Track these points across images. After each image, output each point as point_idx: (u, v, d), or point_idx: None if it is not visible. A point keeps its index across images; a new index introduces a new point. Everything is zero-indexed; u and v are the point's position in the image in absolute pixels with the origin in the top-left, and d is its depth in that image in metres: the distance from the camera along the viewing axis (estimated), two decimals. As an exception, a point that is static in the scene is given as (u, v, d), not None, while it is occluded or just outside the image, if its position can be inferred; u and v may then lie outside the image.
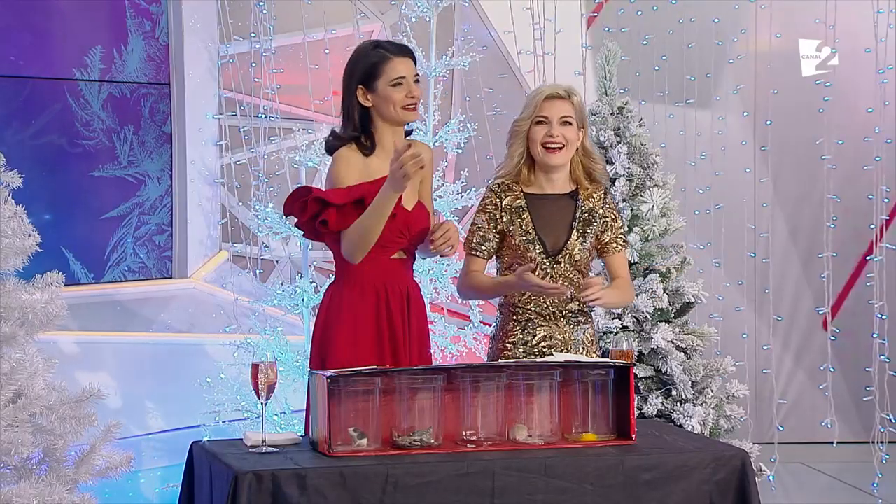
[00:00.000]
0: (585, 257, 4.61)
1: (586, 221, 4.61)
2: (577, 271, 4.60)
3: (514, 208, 4.62)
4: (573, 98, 4.60)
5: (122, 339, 6.58)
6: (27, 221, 4.27)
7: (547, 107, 4.57)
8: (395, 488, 3.84)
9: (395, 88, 4.53)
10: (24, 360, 4.16)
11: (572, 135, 4.58)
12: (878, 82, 7.51)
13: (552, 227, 4.60)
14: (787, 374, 8.13)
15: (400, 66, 4.55)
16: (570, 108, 4.58)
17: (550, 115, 4.56)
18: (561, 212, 4.62)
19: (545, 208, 4.62)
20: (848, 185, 7.74)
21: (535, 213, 4.61)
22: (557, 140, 4.56)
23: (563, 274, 4.58)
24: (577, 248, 4.58)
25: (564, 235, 4.59)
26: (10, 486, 4.07)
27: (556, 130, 4.56)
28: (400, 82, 4.53)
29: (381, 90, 4.54)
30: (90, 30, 6.75)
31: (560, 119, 4.56)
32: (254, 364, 4.04)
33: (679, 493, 4.03)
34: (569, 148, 4.58)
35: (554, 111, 4.57)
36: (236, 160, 7.02)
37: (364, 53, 4.59)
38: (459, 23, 7.34)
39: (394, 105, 4.54)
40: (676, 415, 5.84)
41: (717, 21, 7.71)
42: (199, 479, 4.15)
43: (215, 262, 7.10)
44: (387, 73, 4.53)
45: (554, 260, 4.58)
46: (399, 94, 4.53)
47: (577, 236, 4.59)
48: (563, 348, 4.57)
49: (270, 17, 6.93)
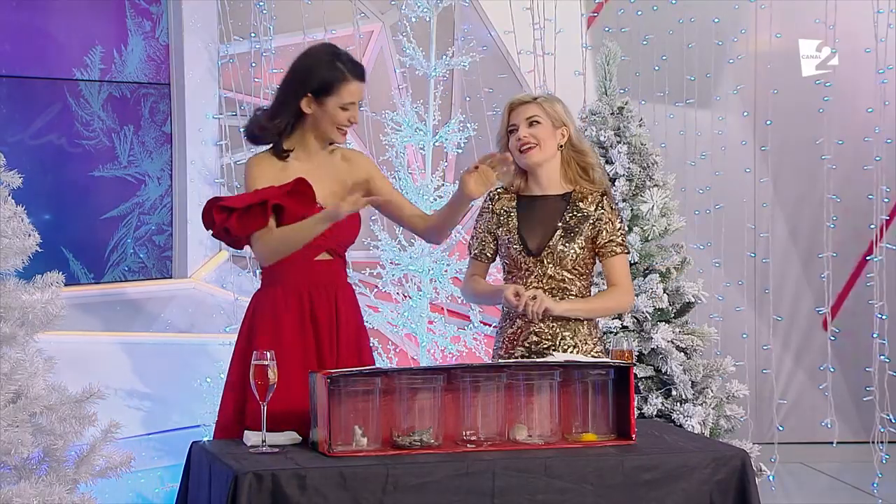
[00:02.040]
0: (573, 259, 4.60)
1: (575, 222, 4.61)
2: (566, 272, 4.60)
3: (505, 210, 4.67)
4: (539, 99, 4.64)
5: (122, 339, 6.58)
6: (27, 221, 4.27)
7: (513, 115, 4.64)
8: (395, 488, 3.84)
9: (343, 111, 4.50)
10: (24, 360, 4.16)
11: (544, 133, 4.61)
12: (878, 82, 7.52)
13: (537, 227, 4.62)
14: (787, 374, 8.14)
15: (356, 90, 4.51)
16: (535, 108, 4.62)
17: (517, 121, 4.62)
18: (550, 212, 4.64)
19: (534, 209, 4.65)
20: (848, 185, 7.74)
21: (524, 213, 4.65)
22: (526, 140, 4.60)
23: (547, 273, 4.59)
24: (560, 249, 4.58)
25: (549, 235, 4.60)
26: (10, 486, 4.07)
27: (523, 132, 4.60)
28: (348, 108, 4.50)
29: (330, 108, 4.49)
30: (90, 30, 6.75)
31: (527, 120, 4.61)
32: (254, 364, 4.04)
33: (679, 493, 4.03)
34: (543, 146, 4.61)
35: (520, 116, 4.62)
36: (236, 160, 7.02)
37: (323, 64, 4.52)
38: (459, 23, 7.34)
39: (333, 124, 4.51)
40: (676, 415, 5.84)
41: (717, 21, 7.71)
42: (197, 478, 4.15)
43: (215, 262, 7.10)
44: (341, 94, 4.48)
45: (537, 259, 4.59)
46: (343, 117, 4.50)
47: (560, 236, 4.59)
48: (556, 348, 4.57)
49: (270, 17, 6.93)
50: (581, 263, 4.62)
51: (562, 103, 4.68)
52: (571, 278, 4.61)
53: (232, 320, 6.64)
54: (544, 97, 4.67)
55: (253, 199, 4.44)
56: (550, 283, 4.59)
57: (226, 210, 4.44)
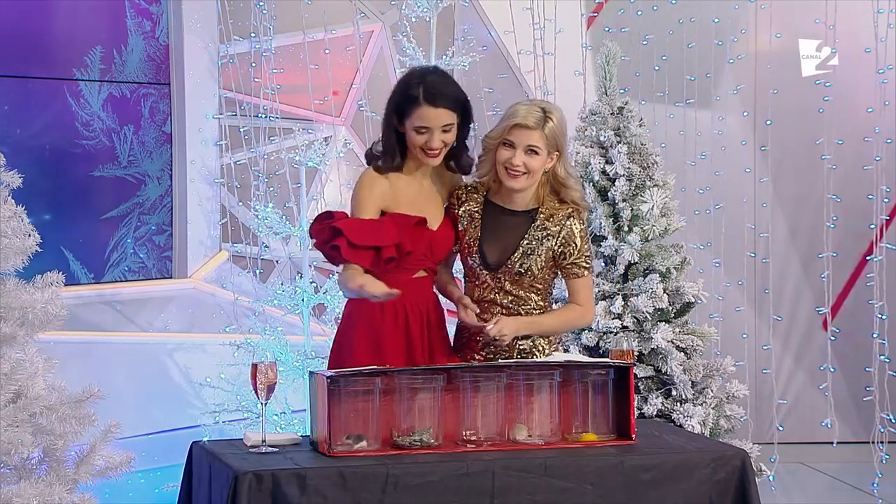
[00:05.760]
0: (532, 277, 4.56)
1: (536, 241, 4.57)
2: (523, 288, 4.57)
3: (471, 215, 4.61)
4: (546, 126, 4.50)
5: (122, 339, 6.58)
6: (27, 221, 4.27)
7: (515, 133, 4.51)
8: (395, 488, 3.84)
9: (417, 134, 4.48)
10: (24, 360, 4.16)
11: (536, 164, 4.50)
12: (878, 82, 7.51)
13: (499, 242, 4.57)
14: (787, 374, 8.13)
15: (428, 114, 4.45)
16: (538, 137, 4.49)
17: (517, 143, 4.51)
18: (513, 228, 4.57)
19: (499, 222, 4.59)
20: (848, 185, 7.73)
21: (488, 224, 4.59)
22: (518, 168, 4.51)
23: (503, 288, 4.56)
24: (519, 269, 4.55)
25: (509, 252, 4.55)
26: (10, 486, 4.07)
27: (518, 159, 4.50)
28: (422, 132, 4.47)
29: (407, 128, 4.49)
30: (90, 30, 6.75)
31: (525, 148, 4.50)
32: (254, 364, 4.05)
33: (679, 493, 4.04)
34: (531, 175, 4.52)
35: (521, 139, 4.50)
36: (236, 160, 7.02)
37: (406, 84, 4.53)
38: (459, 23, 7.34)
39: (414, 146, 4.50)
40: (676, 415, 5.84)
41: (717, 21, 7.71)
42: (198, 479, 4.15)
43: (215, 262, 7.10)
44: (413, 117, 4.46)
45: (494, 274, 4.57)
46: (419, 140, 4.47)
47: (521, 254, 4.55)
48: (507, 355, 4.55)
49: (270, 17, 6.93)
50: (540, 281, 4.58)
51: (561, 121, 4.56)
52: (528, 295, 4.58)
53: (232, 320, 6.64)
54: (549, 123, 4.52)
55: (368, 240, 4.42)
56: (507, 297, 4.57)
57: (337, 233, 4.42)
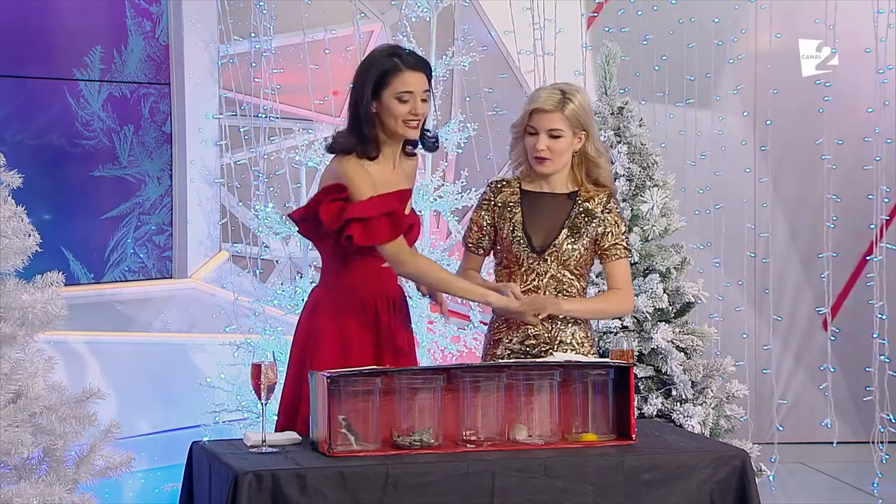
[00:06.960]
0: (577, 258, 4.59)
1: (581, 222, 4.60)
2: (568, 272, 4.59)
3: (508, 203, 4.63)
4: (566, 108, 4.53)
5: (122, 339, 6.58)
6: (27, 221, 4.27)
7: (535, 119, 4.55)
8: (395, 488, 3.84)
9: (400, 103, 4.44)
10: (24, 360, 4.17)
11: (561, 145, 4.53)
12: (878, 82, 7.51)
13: (543, 225, 4.59)
14: (787, 374, 8.13)
15: (410, 79, 4.44)
16: (558, 119, 4.52)
17: (539, 128, 4.54)
18: (555, 210, 4.61)
19: (539, 206, 4.62)
20: (848, 185, 7.73)
21: (528, 209, 4.61)
22: (543, 152, 4.55)
23: (549, 272, 4.58)
24: (566, 248, 4.57)
25: (554, 234, 4.59)
26: (10, 486, 4.07)
27: (542, 144, 4.54)
28: (405, 98, 4.45)
29: (386, 101, 4.44)
30: (90, 30, 6.75)
31: (548, 132, 4.54)
32: (254, 364, 4.04)
33: (679, 493, 4.04)
34: (558, 159, 4.56)
35: (542, 124, 4.54)
36: (236, 160, 7.01)
37: (378, 59, 4.49)
38: (459, 23, 7.34)
39: (395, 118, 4.45)
40: (676, 415, 5.84)
41: (717, 21, 7.71)
42: (198, 479, 4.15)
43: (215, 262, 7.10)
44: (394, 84, 4.42)
45: (541, 257, 4.58)
46: (402, 109, 4.44)
47: (566, 235, 4.58)
48: (549, 349, 4.56)
49: (270, 17, 6.92)
50: (582, 264, 4.62)
51: (584, 100, 4.58)
52: (572, 278, 4.60)
53: (232, 320, 6.64)
54: (569, 105, 4.54)
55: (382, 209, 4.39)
56: (552, 282, 4.58)
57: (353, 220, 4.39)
